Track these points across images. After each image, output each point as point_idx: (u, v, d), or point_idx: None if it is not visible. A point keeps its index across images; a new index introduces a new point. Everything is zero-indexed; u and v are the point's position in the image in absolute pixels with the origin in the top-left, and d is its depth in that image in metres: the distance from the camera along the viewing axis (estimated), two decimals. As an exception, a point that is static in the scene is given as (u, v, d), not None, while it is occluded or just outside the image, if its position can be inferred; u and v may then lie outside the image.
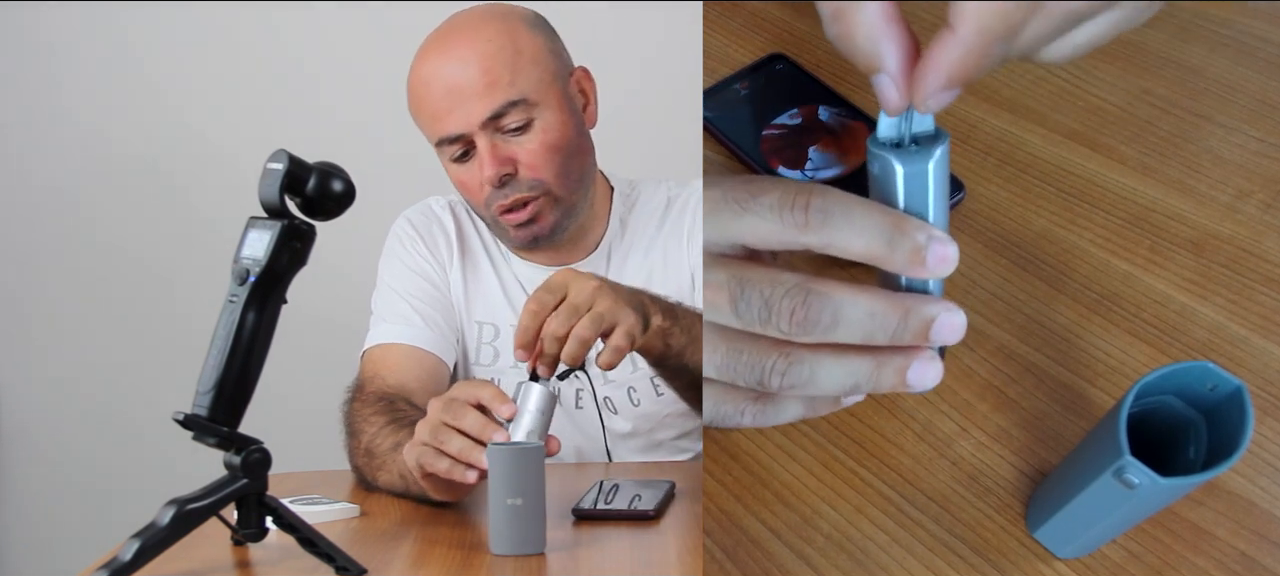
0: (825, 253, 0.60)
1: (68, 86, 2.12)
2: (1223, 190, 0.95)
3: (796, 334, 0.61)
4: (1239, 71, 1.04)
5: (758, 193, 0.61)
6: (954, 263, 0.59)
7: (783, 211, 0.60)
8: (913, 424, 0.82)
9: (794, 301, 0.60)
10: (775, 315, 0.61)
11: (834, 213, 0.59)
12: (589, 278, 1.01)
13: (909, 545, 0.75)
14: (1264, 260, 0.89)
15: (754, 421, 0.70)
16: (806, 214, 0.59)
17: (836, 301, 0.60)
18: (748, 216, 0.61)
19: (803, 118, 1.02)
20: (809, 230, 0.60)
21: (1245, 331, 0.85)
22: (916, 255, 0.58)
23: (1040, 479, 0.78)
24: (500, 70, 1.22)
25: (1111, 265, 0.90)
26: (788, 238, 0.60)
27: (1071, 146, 1.00)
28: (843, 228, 0.59)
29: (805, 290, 0.60)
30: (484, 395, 0.98)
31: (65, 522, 2.17)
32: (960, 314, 0.60)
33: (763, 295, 0.61)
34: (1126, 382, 0.81)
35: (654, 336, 1.06)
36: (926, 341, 0.60)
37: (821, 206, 0.59)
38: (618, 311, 1.00)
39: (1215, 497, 0.75)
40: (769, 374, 0.63)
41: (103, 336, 2.15)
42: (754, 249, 0.63)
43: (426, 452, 0.99)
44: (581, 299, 0.99)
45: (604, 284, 1.01)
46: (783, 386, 0.63)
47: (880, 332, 0.60)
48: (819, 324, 0.60)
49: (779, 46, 1.11)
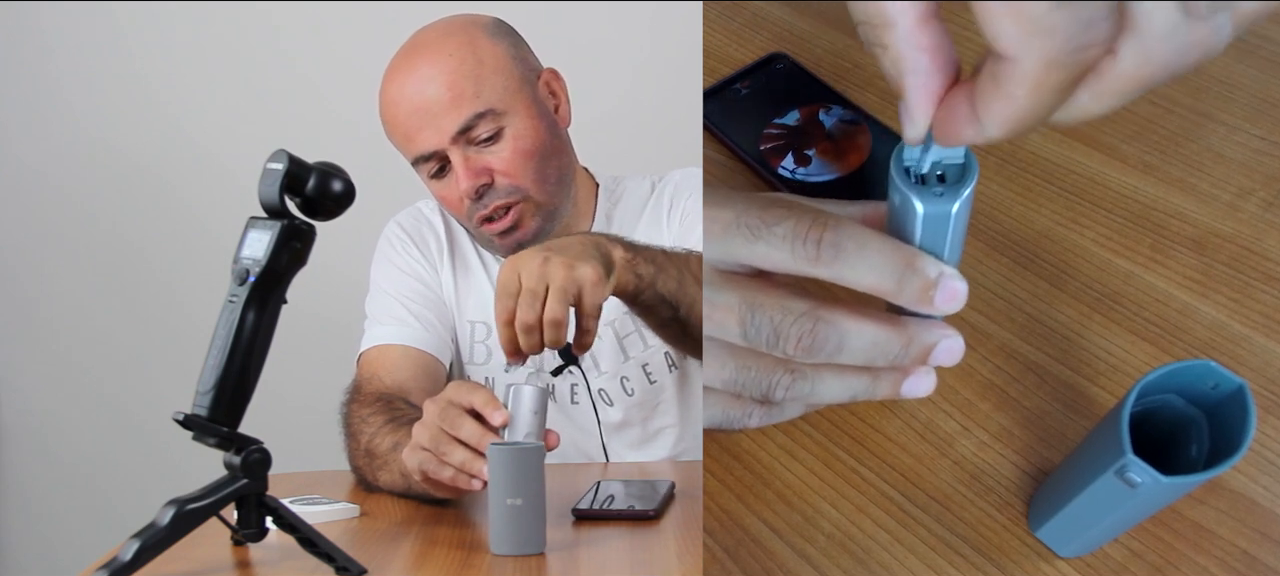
0: (835, 283, 0.61)
1: (68, 86, 2.12)
2: (1224, 188, 0.95)
3: (802, 357, 0.63)
4: (1240, 70, 1.04)
5: (771, 221, 0.61)
6: (963, 299, 0.59)
7: (795, 243, 0.60)
8: (914, 423, 0.82)
9: (802, 329, 0.62)
10: (783, 340, 0.62)
11: (846, 248, 0.59)
12: (533, 255, 0.97)
13: (911, 544, 0.75)
14: (1265, 258, 0.89)
15: (761, 422, 0.73)
16: (819, 248, 0.60)
17: (842, 330, 0.62)
18: (759, 244, 0.61)
19: (803, 119, 1.02)
20: (820, 263, 0.60)
21: (1247, 330, 0.84)
22: (925, 293, 0.59)
23: (1042, 478, 0.78)
24: (464, 83, 1.23)
25: (1113, 264, 0.90)
26: (799, 268, 0.61)
27: (1072, 145, 0.99)
28: (855, 263, 0.59)
29: (814, 318, 0.62)
30: (477, 401, 0.98)
31: (65, 522, 2.17)
32: (959, 339, 0.63)
33: (772, 321, 0.62)
34: (1128, 381, 0.81)
35: (623, 271, 1.02)
36: (925, 365, 0.64)
37: (834, 242, 0.59)
38: (575, 271, 0.96)
39: (1217, 496, 0.75)
40: (774, 388, 0.67)
41: (103, 336, 2.15)
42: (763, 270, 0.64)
43: (429, 460, 0.99)
44: (534, 281, 0.95)
45: (550, 253, 0.97)
46: (786, 398, 0.67)
47: (882, 358, 0.63)
48: (824, 349, 0.62)
49: (779, 46, 1.11)
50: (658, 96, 2.01)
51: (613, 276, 1.01)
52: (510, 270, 0.97)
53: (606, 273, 1.00)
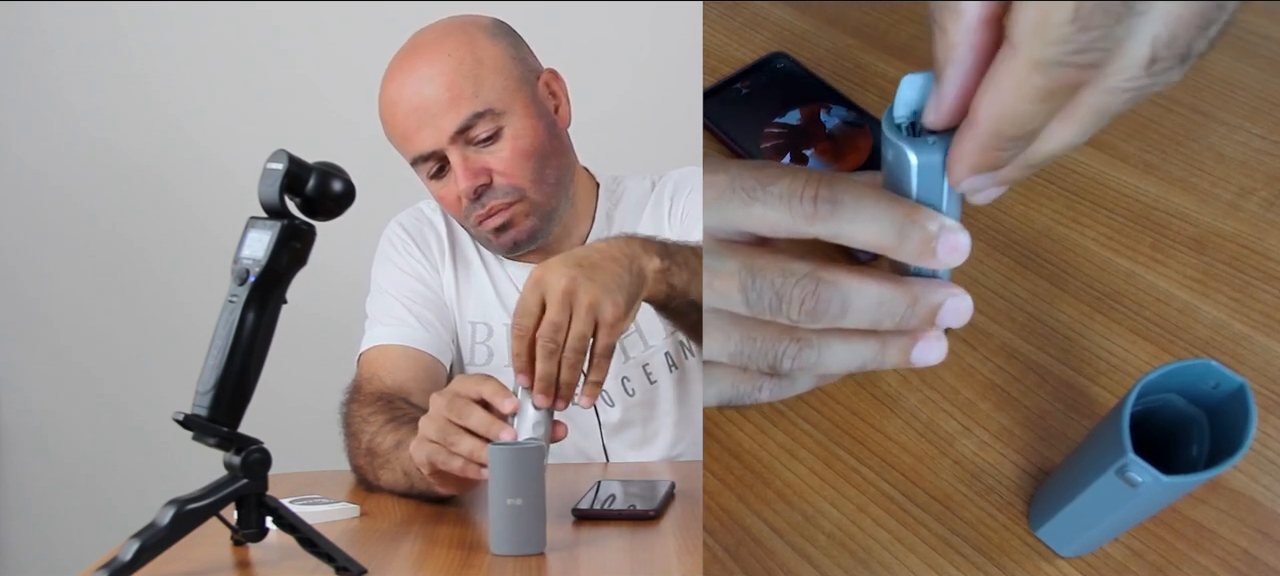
0: (834, 242, 0.60)
1: (68, 86, 2.12)
2: (1225, 188, 0.95)
3: (806, 321, 0.61)
4: (1241, 69, 1.04)
5: (766, 181, 0.60)
6: (965, 252, 0.58)
7: (791, 201, 0.59)
8: (915, 422, 0.82)
9: (804, 291, 0.60)
10: (786, 304, 0.61)
11: (844, 203, 0.59)
12: (561, 274, 0.95)
13: (911, 543, 0.75)
14: (1266, 257, 0.89)
15: (771, 396, 0.71)
16: (815, 205, 0.59)
17: (845, 290, 0.60)
18: (756, 205, 0.60)
19: (803, 119, 1.02)
20: (818, 220, 0.59)
21: (1248, 329, 0.84)
22: (927, 245, 0.58)
23: (1042, 477, 0.78)
24: (463, 83, 1.23)
25: (1113, 263, 0.90)
26: (796, 227, 0.60)
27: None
28: (853, 218, 0.59)
29: (815, 279, 0.60)
30: (486, 390, 0.98)
31: (65, 522, 2.17)
32: (966, 298, 0.61)
33: (773, 285, 0.61)
34: (1129, 381, 0.81)
35: (655, 282, 1.01)
36: (933, 326, 0.61)
37: (830, 197, 0.59)
38: (599, 308, 0.94)
39: (1218, 496, 0.75)
40: (781, 358, 0.65)
41: (103, 336, 2.15)
42: (762, 237, 0.63)
43: (438, 451, 0.99)
44: (558, 311, 0.94)
45: (578, 275, 0.95)
46: (793, 368, 0.65)
47: (888, 319, 0.61)
48: (828, 312, 0.61)
49: (780, 45, 1.11)
50: (658, 96, 2.00)
51: (640, 296, 0.99)
52: (533, 288, 0.96)
53: (634, 296, 0.98)
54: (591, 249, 1.00)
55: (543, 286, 0.95)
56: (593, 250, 1.00)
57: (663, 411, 1.36)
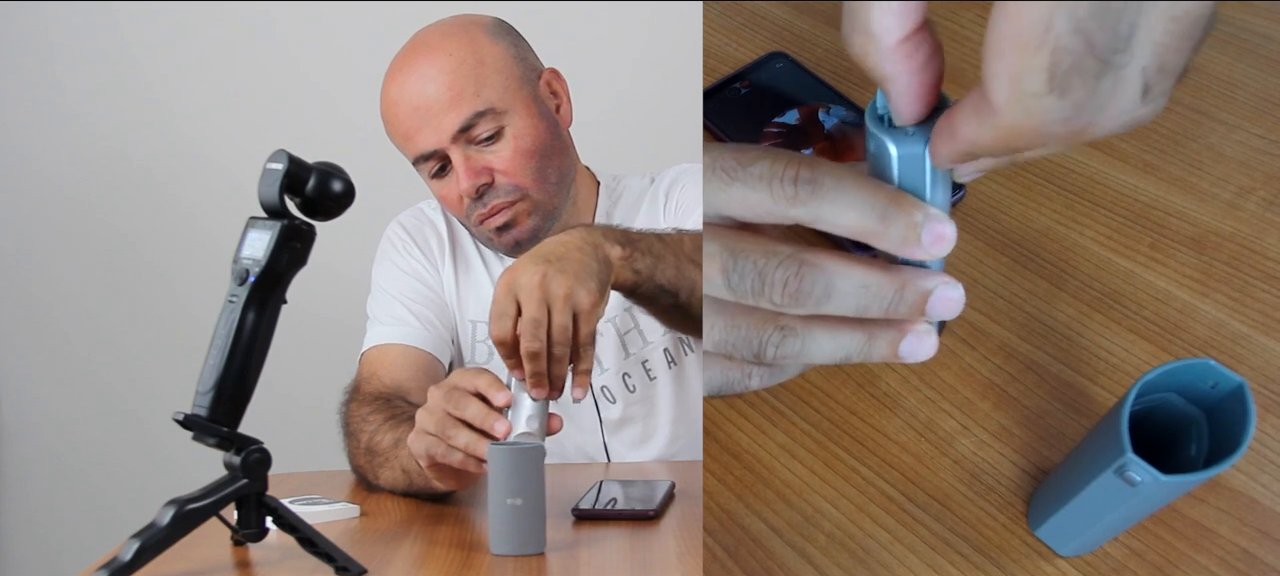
0: (815, 227, 0.58)
1: (69, 86, 2.12)
2: (1224, 187, 0.95)
3: (789, 305, 0.59)
4: (1240, 68, 1.04)
5: (747, 162, 0.58)
6: (951, 242, 0.56)
7: (772, 182, 0.57)
8: (914, 422, 0.82)
9: (787, 272, 0.58)
10: (768, 287, 0.59)
11: (825, 185, 0.56)
12: (530, 271, 0.95)
13: (910, 543, 0.75)
14: (1265, 257, 0.89)
15: (761, 383, 0.69)
16: (796, 186, 0.57)
17: (830, 272, 0.58)
18: (735, 186, 0.58)
19: (802, 118, 1.02)
20: (798, 203, 0.57)
21: (1247, 328, 0.84)
22: (912, 232, 0.55)
23: (1042, 477, 0.78)
24: (464, 82, 1.23)
25: (1112, 263, 0.90)
26: (777, 210, 0.58)
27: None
28: (835, 201, 0.56)
29: (798, 260, 0.58)
30: (481, 383, 0.98)
31: (65, 522, 2.17)
32: (958, 287, 0.58)
33: (756, 266, 0.59)
34: (1128, 380, 0.81)
35: (620, 271, 1.01)
36: (922, 315, 0.58)
37: (811, 178, 0.56)
38: (574, 297, 0.95)
39: (1217, 495, 0.75)
40: (764, 347, 0.62)
41: (103, 336, 2.15)
42: (745, 222, 0.61)
43: (435, 444, 0.99)
44: (536, 307, 0.94)
45: (547, 268, 0.95)
46: (777, 358, 0.62)
47: (874, 305, 0.58)
48: (811, 295, 0.58)
49: (779, 45, 1.11)
50: (658, 95, 2.01)
51: (609, 282, 0.99)
52: (505, 290, 0.95)
53: (604, 282, 0.98)
54: (554, 242, 0.99)
55: (515, 287, 0.95)
56: (556, 243, 0.99)
57: (661, 408, 1.36)
